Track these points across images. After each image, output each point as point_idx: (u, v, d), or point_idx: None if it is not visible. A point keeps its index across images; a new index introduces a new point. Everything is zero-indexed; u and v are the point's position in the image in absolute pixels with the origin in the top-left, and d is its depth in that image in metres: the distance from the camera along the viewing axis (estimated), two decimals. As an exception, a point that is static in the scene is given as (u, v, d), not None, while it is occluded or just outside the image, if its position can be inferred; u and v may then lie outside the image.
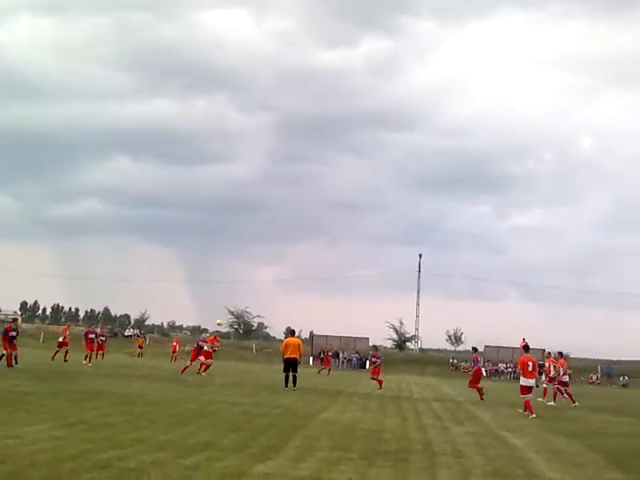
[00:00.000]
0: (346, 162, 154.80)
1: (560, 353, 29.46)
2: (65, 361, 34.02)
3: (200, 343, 30.96)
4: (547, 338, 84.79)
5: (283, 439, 11.78)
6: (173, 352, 53.95)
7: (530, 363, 20.18)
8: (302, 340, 28.94)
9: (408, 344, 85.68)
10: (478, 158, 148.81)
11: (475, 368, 26.74)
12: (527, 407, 19.96)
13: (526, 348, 20.95)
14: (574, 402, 25.78)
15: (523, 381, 20.25)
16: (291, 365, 24.67)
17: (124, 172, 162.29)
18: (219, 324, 31.25)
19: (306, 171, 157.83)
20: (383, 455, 10.84)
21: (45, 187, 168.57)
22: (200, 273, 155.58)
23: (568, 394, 26.28)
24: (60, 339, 37.45)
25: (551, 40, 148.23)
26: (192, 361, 30.81)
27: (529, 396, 20.10)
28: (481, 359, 30.78)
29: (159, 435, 11.32)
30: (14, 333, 27.36)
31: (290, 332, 27.77)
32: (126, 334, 76.41)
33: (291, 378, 24.41)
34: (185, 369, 29.73)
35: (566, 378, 27.03)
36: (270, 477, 8.47)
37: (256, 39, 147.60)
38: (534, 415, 19.47)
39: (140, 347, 61.64)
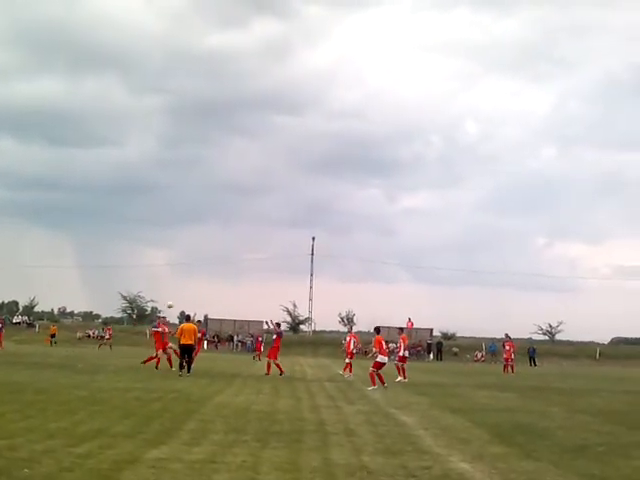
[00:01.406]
0: (237, 145, 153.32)
1: (401, 329, 30.44)
2: None
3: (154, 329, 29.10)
4: (434, 318, 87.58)
5: (177, 424, 11.82)
6: (51, 336, 53.89)
7: (384, 342, 23.11)
8: (197, 324, 28.15)
9: (302, 327, 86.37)
10: (368, 141, 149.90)
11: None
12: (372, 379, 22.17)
13: (377, 330, 24.86)
14: (405, 378, 26.93)
15: (380, 358, 22.45)
16: (187, 351, 24.47)
17: (9, 153, 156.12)
18: (170, 306, 29.19)
19: (197, 154, 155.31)
20: (276, 436, 11.02)
21: None
22: (91, 258, 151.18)
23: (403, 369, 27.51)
24: None
25: (437, 27, 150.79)
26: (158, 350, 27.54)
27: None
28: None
29: (49, 424, 11.18)
30: None
31: (185, 317, 26.99)
32: (14, 321, 74.02)
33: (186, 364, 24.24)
34: (149, 360, 27.26)
35: (406, 353, 28.59)
36: (164, 462, 8.52)
37: (146, 18, 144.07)
38: (375, 387, 21.56)
39: (52, 335, 57.64)
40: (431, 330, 70.03)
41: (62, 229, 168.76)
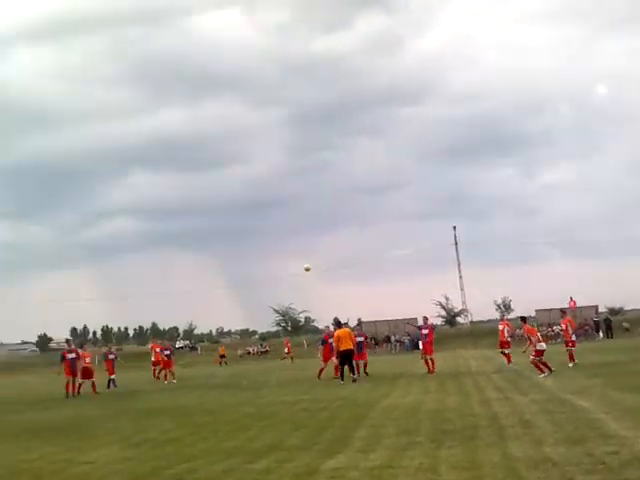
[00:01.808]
0: (363, 145, 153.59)
1: (563, 310, 28.78)
2: (157, 379, 33.28)
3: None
4: (597, 294, 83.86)
5: (348, 431, 11.76)
6: (221, 356, 54.88)
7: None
8: (352, 329, 27.77)
9: (458, 319, 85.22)
10: (494, 121, 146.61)
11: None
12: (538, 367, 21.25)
13: (523, 319, 24.93)
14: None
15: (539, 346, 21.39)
16: (347, 357, 23.90)
17: (146, 186, 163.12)
18: (307, 269, 28.32)
19: (324, 160, 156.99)
20: (450, 435, 10.76)
21: (72, 212, 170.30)
22: (239, 276, 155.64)
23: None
24: (152, 358, 35.56)
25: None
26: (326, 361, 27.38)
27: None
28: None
29: (224, 443, 11.38)
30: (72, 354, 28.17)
31: (337, 323, 26.39)
32: (177, 346, 76.97)
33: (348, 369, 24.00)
34: (321, 372, 26.85)
35: (573, 337, 26.40)
36: (342, 471, 8.45)
37: (253, 35, 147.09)
38: (545, 374, 20.55)
39: (222, 356, 58.06)
40: (596, 307, 67.21)
41: (207, 251, 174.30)
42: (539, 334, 22.22)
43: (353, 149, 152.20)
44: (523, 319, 24.88)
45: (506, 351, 27.89)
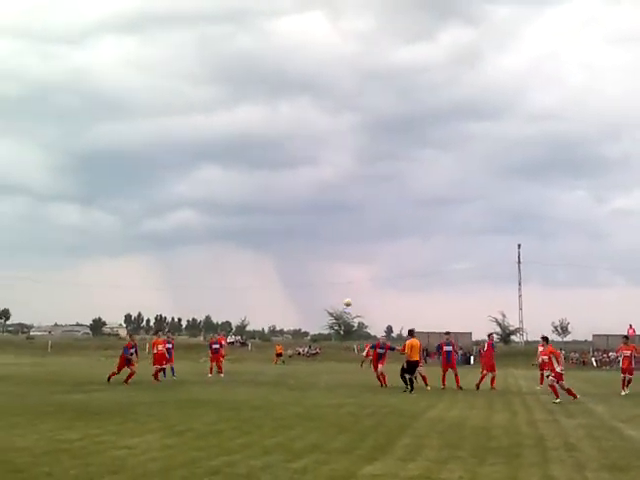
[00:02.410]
0: (432, 157, 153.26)
1: (626, 337, 27.97)
2: (219, 373, 31.80)
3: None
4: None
5: (391, 439, 11.66)
6: (278, 355, 54.59)
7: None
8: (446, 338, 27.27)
9: (513, 337, 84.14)
10: (570, 142, 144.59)
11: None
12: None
13: (545, 339, 24.58)
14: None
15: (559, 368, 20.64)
16: (412, 367, 23.68)
17: (214, 181, 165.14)
18: (347, 304, 28.27)
19: (393, 169, 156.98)
20: (494, 452, 10.58)
21: (139, 202, 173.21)
22: (296, 276, 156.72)
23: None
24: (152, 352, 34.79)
25: (632, 18, 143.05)
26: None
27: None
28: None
29: (266, 440, 11.36)
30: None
31: (410, 333, 25.79)
32: (229, 341, 77.51)
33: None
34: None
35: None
36: (379, 478, 8.37)
37: (334, 40, 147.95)
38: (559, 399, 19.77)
39: (279, 355, 57.48)
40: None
41: (267, 250, 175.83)
42: (562, 356, 21.73)
43: (422, 160, 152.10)
44: (545, 339, 24.38)
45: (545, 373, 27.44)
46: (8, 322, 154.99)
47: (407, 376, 23.42)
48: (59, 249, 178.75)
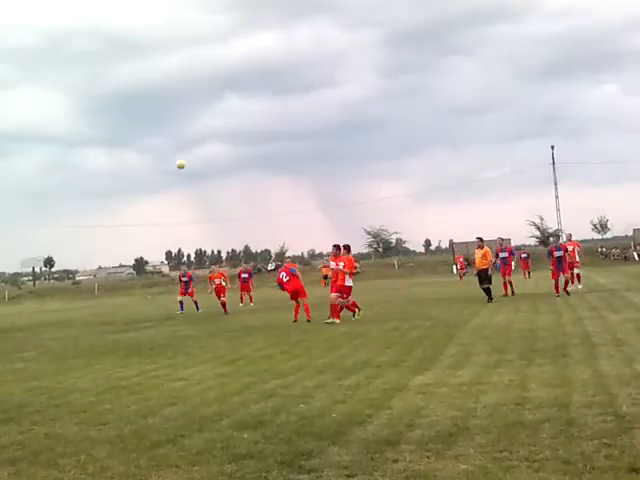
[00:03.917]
0: (456, 65, 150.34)
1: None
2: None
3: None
4: None
5: (438, 349, 11.83)
6: (324, 277, 54.51)
7: None
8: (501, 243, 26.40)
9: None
10: (595, 37, 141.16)
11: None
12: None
13: None
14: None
15: None
16: (486, 275, 23.09)
17: (238, 111, 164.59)
18: (180, 166, 22.88)
19: (417, 81, 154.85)
20: (541, 353, 10.70)
21: (167, 138, 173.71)
22: (331, 198, 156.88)
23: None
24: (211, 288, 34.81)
25: None
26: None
27: None
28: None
29: (316, 360, 11.60)
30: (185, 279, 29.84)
31: (480, 240, 24.80)
32: (269, 268, 78.21)
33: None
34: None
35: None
36: (430, 387, 8.54)
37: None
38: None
39: (325, 277, 52.47)
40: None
41: (299, 174, 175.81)
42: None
43: (447, 70, 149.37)
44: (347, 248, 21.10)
45: (576, 271, 27.28)
46: (53, 269, 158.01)
47: (484, 286, 23.05)
48: (93, 193, 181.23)
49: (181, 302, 28.71)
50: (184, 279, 30.30)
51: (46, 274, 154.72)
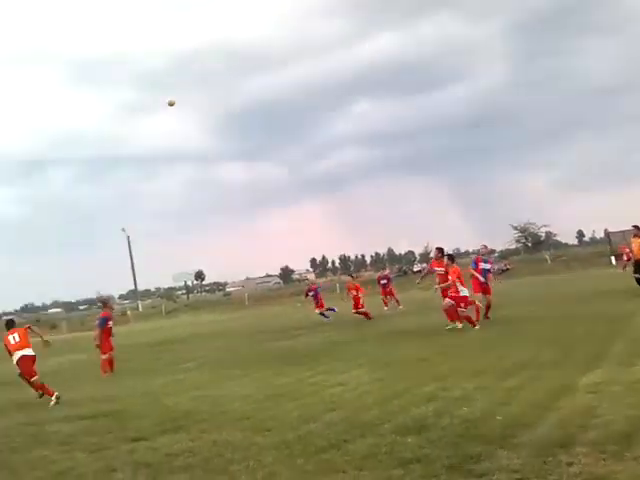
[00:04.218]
0: (592, 46, 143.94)
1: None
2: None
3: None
4: None
5: (604, 346, 11.29)
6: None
7: None
8: None
9: None
10: None
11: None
12: None
13: None
14: None
15: None
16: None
17: (368, 114, 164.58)
18: (171, 104, 19.71)
19: (552, 66, 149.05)
20: None
21: (302, 147, 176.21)
22: (471, 195, 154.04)
23: None
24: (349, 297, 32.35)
25: None
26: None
27: None
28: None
29: (473, 362, 11.31)
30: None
31: (637, 228, 23.36)
32: (415, 270, 77.81)
33: None
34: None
35: None
36: (601, 385, 8.13)
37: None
38: None
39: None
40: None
41: (436, 173, 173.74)
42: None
43: (583, 51, 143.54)
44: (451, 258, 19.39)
45: None
46: (204, 282, 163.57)
47: (638, 275, 22.05)
48: (235, 206, 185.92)
49: (321, 313, 28.08)
50: (311, 294, 28.93)
51: (198, 287, 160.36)
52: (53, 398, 12.65)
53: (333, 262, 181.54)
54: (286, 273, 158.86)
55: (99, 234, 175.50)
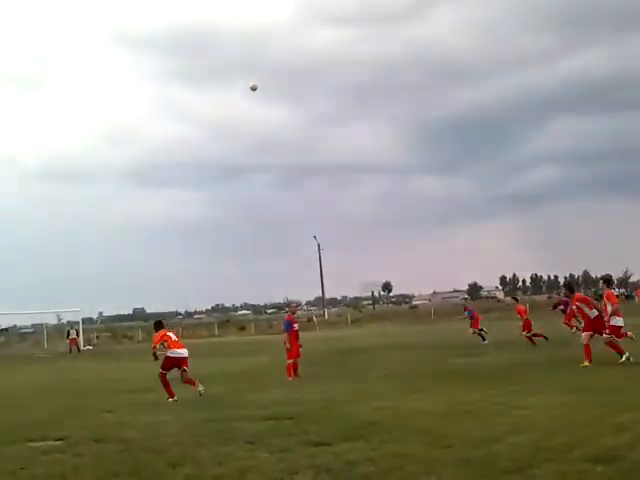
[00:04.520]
0: None
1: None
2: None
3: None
4: None
5: None
6: None
7: None
8: None
9: None
10: None
11: None
12: None
13: None
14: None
15: None
16: None
17: (567, 131, 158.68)
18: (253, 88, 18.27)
19: None
20: None
21: (496, 163, 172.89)
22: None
23: None
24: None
25: None
26: None
27: None
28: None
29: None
30: None
31: None
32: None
33: None
34: None
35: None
36: None
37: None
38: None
39: None
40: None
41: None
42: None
43: None
44: (607, 282, 18.63)
45: None
46: (391, 294, 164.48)
47: None
48: (427, 220, 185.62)
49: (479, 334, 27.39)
50: (466, 313, 28.83)
51: (384, 298, 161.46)
52: (172, 400, 14.17)
53: (524, 281, 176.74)
54: (474, 289, 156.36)
55: (290, 240, 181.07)
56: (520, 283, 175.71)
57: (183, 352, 14.76)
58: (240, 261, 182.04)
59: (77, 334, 50.44)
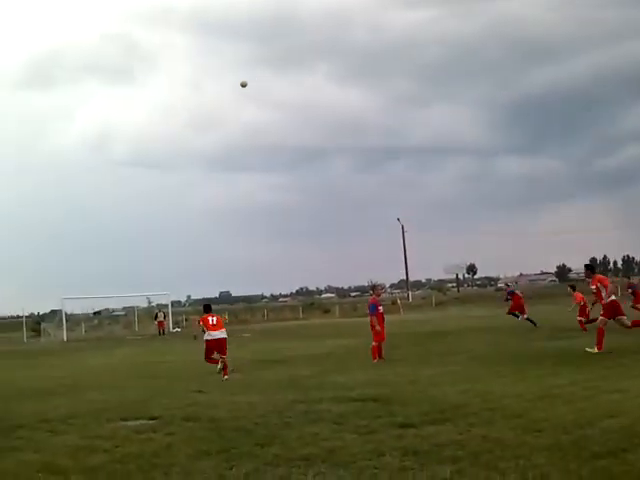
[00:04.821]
0: None
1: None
2: None
3: None
4: None
5: None
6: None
7: None
8: None
9: None
10: None
11: None
12: None
13: None
14: None
15: None
16: None
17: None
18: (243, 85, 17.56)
19: None
20: None
21: (584, 142, 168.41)
22: None
23: None
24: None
25: None
26: None
27: None
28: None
29: None
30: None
31: None
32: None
33: None
34: None
35: None
36: None
37: None
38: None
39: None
40: None
41: None
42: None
43: None
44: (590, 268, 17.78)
45: None
46: (475, 276, 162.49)
47: None
48: (510, 200, 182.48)
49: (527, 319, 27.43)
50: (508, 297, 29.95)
51: (469, 281, 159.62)
52: (226, 377, 15.06)
53: (615, 262, 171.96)
54: (563, 272, 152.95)
55: (372, 223, 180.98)
56: (611, 265, 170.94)
57: (217, 334, 15.80)
58: (323, 244, 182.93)
59: (164, 317, 51.66)
